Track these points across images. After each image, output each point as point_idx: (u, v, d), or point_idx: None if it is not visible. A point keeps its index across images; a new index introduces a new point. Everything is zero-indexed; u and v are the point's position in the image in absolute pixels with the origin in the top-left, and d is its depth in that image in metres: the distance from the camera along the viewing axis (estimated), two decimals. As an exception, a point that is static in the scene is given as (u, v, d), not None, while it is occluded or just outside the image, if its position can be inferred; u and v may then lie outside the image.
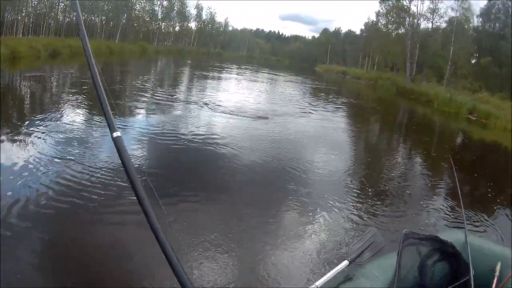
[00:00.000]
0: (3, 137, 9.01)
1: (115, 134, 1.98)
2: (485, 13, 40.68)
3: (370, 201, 8.21)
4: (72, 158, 8.36)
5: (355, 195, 8.45)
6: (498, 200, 9.42)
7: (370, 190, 8.96)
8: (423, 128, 20.84)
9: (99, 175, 7.51)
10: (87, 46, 2.26)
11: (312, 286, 2.65)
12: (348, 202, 7.94)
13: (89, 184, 6.98)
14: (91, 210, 6.03)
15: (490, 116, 24.37)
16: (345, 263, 2.93)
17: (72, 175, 7.27)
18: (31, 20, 41.38)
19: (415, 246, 2.97)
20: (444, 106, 28.05)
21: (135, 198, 1.84)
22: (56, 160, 8.07)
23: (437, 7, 44.75)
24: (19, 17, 39.26)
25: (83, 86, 18.88)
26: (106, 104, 2.10)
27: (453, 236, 3.16)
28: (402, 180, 10.46)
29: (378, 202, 8.17)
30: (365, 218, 7.22)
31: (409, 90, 35.99)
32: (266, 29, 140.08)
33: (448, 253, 2.96)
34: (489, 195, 9.89)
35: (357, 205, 7.86)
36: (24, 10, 40.04)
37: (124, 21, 60.93)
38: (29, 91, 17.45)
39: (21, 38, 35.07)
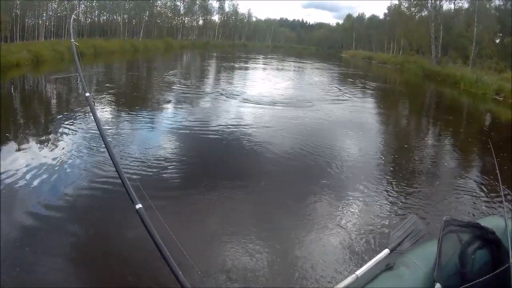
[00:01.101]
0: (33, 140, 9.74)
1: (137, 206, 1.97)
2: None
3: (407, 184, 8.47)
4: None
5: (392, 176, 8.90)
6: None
7: (407, 172, 9.32)
8: (452, 110, 21.09)
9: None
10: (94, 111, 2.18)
11: (353, 276, 2.62)
12: (385, 184, 8.36)
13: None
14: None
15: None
16: (386, 251, 2.88)
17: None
18: (53, 23, 41.70)
19: (455, 233, 2.88)
20: (470, 87, 27.90)
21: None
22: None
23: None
24: (40, 21, 39.62)
25: (108, 84, 19.68)
26: (125, 178, 2.10)
27: (493, 223, 3.01)
28: (438, 162, 10.72)
29: (416, 185, 8.46)
30: (404, 201, 7.53)
31: (436, 73, 35.93)
32: (290, 18, 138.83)
33: (489, 240, 2.84)
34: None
35: (394, 187, 8.21)
36: (44, 14, 40.39)
37: (146, 18, 60.84)
38: (55, 92, 18.28)
39: (44, 42, 35.38)
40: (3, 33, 32.17)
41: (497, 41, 39.83)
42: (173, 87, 20.94)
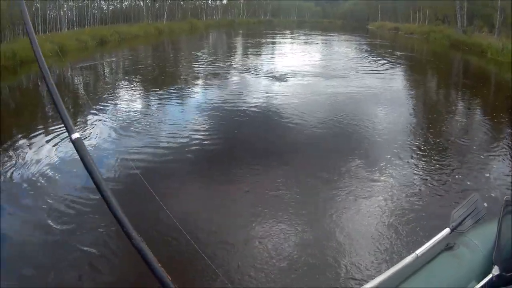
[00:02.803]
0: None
1: (74, 136, 1.79)
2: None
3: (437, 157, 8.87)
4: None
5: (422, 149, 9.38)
6: None
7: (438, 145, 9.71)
8: (480, 78, 21.41)
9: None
10: (35, 44, 2.01)
11: (412, 255, 2.54)
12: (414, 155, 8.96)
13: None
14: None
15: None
16: (446, 231, 2.76)
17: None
18: (75, 13, 41.74)
19: None
20: (497, 55, 27.76)
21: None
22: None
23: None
24: (62, 13, 39.67)
25: (136, 66, 20.32)
26: (61, 105, 1.89)
27: None
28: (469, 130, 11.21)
29: (446, 158, 8.83)
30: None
31: (462, 42, 35.70)
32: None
33: None
34: None
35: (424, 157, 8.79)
36: (65, 5, 40.46)
37: (169, 0, 60.68)
38: (82, 80, 18.98)
39: (67, 33, 35.75)
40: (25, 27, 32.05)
41: None
42: (201, 66, 21.73)
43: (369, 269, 5.05)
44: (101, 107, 12.85)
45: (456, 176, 7.90)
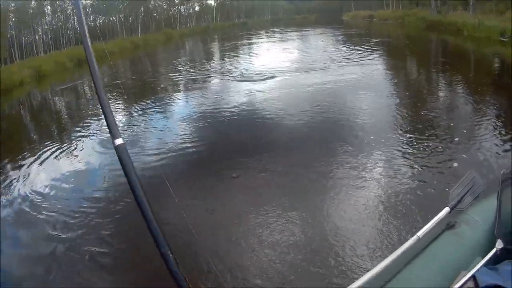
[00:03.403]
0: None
1: (117, 142, 1.76)
2: None
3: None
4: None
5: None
6: None
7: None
8: (458, 56, 21.57)
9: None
10: (87, 45, 1.99)
11: (414, 237, 2.57)
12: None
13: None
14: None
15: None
16: (446, 210, 2.80)
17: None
18: (50, 36, 42.05)
19: None
20: (474, 32, 27.80)
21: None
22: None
23: None
24: (37, 37, 39.92)
25: (112, 83, 20.19)
26: (108, 109, 1.88)
27: None
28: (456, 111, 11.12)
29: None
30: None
31: (437, 22, 35.63)
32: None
33: None
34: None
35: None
36: (40, 30, 40.67)
37: (142, 14, 61.04)
38: (65, 100, 19.07)
39: (44, 56, 35.72)
40: (2, 55, 32.02)
41: None
42: (179, 75, 21.60)
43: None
44: (86, 123, 13.19)
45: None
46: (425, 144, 8.41)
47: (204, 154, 9.11)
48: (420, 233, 2.55)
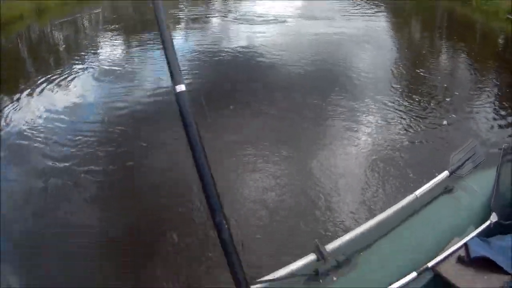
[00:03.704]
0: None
1: (178, 88, 1.57)
2: None
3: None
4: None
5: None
6: None
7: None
8: (464, 26, 21.49)
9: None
10: None
11: (412, 195, 2.67)
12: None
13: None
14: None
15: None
16: (445, 173, 2.90)
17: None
18: None
19: None
20: (482, 4, 27.38)
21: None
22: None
23: None
24: None
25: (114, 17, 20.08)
26: (173, 53, 1.64)
27: None
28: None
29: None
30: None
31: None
32: None
33: None
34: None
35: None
36: None
37: None
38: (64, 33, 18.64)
39: None
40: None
41: None
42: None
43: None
44: (84, 55, 13.17)
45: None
46: (415, 97, 9.06)
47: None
48: (418, 192, 2.69)
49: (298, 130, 7.43)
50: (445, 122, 7.80)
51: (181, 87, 1.56)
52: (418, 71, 11.06)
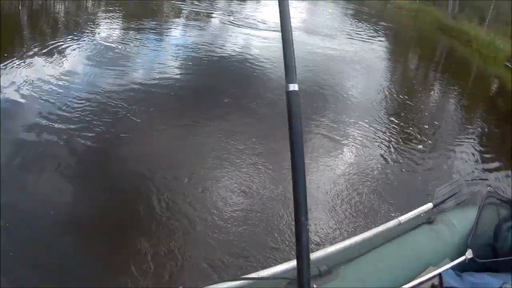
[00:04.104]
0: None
1: (291, 86, 1.52)
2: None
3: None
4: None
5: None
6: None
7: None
8: (460, 65, 21.50)
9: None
10: None
11: (395, 220, 2.80)
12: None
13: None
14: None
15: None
16: (429, 205, 3.05)
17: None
18: None
19: (495, 206, 2.99)
20: (482, 48, 27.59)
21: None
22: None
23: None
24: None
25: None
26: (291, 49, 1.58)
27: None
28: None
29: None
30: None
31: (450, 27, 34.76)
32: None
33: None
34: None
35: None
36: None
37: None
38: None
39: None
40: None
41: None
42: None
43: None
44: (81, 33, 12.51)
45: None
46: (397, 121, 9.15)
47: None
48: (402, 218, 2.81)
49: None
50: (420, 146, 8.00)
51: (294, 86, 1.52)
52: (404, 97, 11.31)
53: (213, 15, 18.82)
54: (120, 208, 5.16)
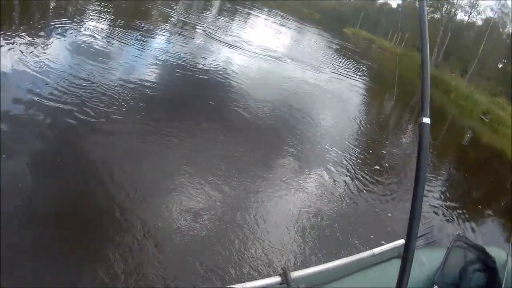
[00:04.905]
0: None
1: (424, 120, 1.78)
2: (524, 23, 40.58)
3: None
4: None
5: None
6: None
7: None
8: (436, 113, 20.98)
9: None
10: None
11: (369, 251, 2.92)
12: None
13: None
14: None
15: (503, 123, 24.30)
16: (401, 241, 3.12)
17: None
18: None
19: (463, 249, 3.13)
20: (461, 99, 27.99)
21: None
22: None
23: (477, 3, 44.76)
24: None
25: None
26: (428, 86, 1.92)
27: (496, 253, 3.26)
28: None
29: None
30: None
31: (431, 75, 35.56)
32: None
33: (489, 267, 3.09)
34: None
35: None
36: None
37: None
38: None
39: None
40: None
41: (500, 66, 40.38)
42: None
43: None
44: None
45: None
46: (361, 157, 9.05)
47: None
48: (376, 250, 2.94)
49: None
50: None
51: (427, 120, 1.77)
52: (376, 137, 11.27)
53: (199, 28, 18.48)
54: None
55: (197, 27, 18.91)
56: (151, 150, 6.16)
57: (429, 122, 1.77)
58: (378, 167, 8.92)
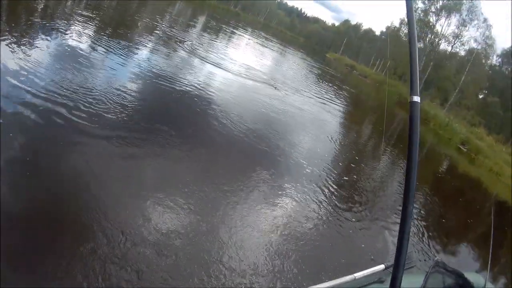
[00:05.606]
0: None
1: (414, 98, 1.82)
2: (506, 55, 41.07)
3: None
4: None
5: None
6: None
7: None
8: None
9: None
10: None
11: (351, 276, 2.98)
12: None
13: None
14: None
15: (480, 153, 24.53)
16: (381, 266, 3.23)
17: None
18: None
19: (442, 274, 3.14)
20: (439, 128, 28.22)
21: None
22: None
23: (461, 33, 45.26)
24: None
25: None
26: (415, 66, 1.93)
27: (475, 278, 3.29)
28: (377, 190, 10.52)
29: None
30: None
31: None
32: (290, 3, 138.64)
33: None
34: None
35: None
36: None
37: None
38: None
39: None
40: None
41: (480, 96, 40.90)
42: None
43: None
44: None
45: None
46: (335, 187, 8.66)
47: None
48: (357, 274, 3.00)
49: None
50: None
51: (417, 98, 1.82)
52: (352, 165, 11.10)
53: (184, 42, 18.29)
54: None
55: (184, 40, 18.89)
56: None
57: (419, 101, 1.82)
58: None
